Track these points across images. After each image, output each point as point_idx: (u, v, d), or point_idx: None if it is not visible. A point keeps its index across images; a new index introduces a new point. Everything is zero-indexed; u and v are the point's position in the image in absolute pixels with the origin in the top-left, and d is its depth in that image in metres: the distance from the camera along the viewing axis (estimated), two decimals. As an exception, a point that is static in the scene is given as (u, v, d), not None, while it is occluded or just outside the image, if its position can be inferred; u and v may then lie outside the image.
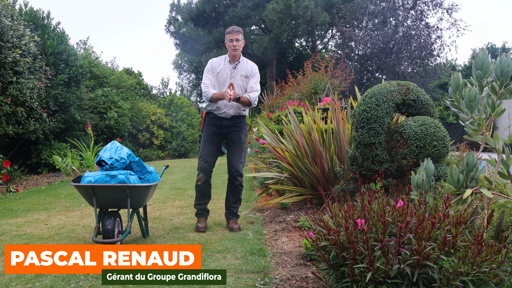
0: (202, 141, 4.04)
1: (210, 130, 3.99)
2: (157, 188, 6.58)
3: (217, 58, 4.09)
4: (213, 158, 3.99)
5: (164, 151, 15.75)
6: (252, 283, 2.52)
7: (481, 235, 2.00)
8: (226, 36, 3.99)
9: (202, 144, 4.03)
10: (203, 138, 4.04)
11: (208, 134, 3.99)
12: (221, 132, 4.00)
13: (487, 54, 2.13)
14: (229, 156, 4.05)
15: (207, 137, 4.00)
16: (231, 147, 4.04)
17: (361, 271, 1.89)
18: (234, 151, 4.01)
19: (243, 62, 4.04)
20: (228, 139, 4.04)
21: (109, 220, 3.22)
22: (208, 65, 4.03)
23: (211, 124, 3.99)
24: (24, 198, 6.12)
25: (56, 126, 8.71)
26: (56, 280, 2.62)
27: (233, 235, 3.68)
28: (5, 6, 7.18)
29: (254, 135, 8.13)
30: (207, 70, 4.01)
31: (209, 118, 4.01)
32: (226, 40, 4.00)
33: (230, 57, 3.99)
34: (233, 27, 3.99)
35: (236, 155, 3.99)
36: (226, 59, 4.02)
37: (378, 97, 3.59)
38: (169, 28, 23.01)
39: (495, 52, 27.80)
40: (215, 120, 3.98)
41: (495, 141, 2.10)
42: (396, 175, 3.64)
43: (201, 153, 4.01)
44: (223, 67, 3.98)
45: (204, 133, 4.02)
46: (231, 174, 4.02)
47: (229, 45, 3.95)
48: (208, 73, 3.98)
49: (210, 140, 3.99)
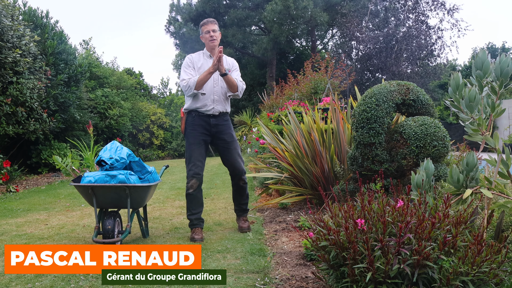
0: (189, 144, 3.67)
1: (197, 131, 3.66)
2: (157, 188, 6.58)
3: (194, 54, 3.81)
4: (203, 162, 3.68)
5: (164, 151, 15.75)
6: (252, 283, 2.52)
7: (481, 235, 2.00)
8: (201, 29, 3.74)
9: (189, 147, 3.66)
10: (188, 140, 3.68)
11: (195, 136, 3.65)
12: (210, 132, 3.69)
13: (487, 54, 2.13)
14: (228, 158, 3.77)
15: (194, 139, 3.65)
16: (226, 149, 3.76)
17: (361, 271, 1.89)
18: (231, 151, 3.75)
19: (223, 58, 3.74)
20: (219, 139, 3.74)
21: (109, 220, 3.22)
22: (186, 60, 3.73)
23: (197, 124, 3.66)
24: (24, 198, 6.12)
25: (56, 126, 8.72)
26: (56, 280, 2.62)
27: (233, 235, 3.68)
28: (5, 6, 7.18)
29: (254, 135, 8.13)
30: (186, 65, 3.70)
31: (193, 117, 3.67)
32: (201, 34, 3.75)
33: (209, 51, 3.73)
34: (207, 19, 3.74)
35: (234, 154, 3.75)
36: (205, 54, 3.76)
37: (378, 97, 3.59)
38: (169, 28, 23.01)
39: (495, 52, 27.79)
40: (201, 119, 3.66)
41: (495, 141, 2.10)
42: (396, 175, 3.64)
43: (189, 157, 3.64)
44: (203, 62, 3.71)
45: (190, 135, 3.67)
46: (234, 175, 3.80)
47: (206, 37, 3.69)
48: (187, 69, 3.68)
49: (198, 142, 3.66)
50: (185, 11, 21.73)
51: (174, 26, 22.45)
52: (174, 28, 22.55)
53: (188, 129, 3.69)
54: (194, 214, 3.66)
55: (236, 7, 20.43)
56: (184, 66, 3.72)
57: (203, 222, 3.74)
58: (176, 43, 23.35)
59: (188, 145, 3.69)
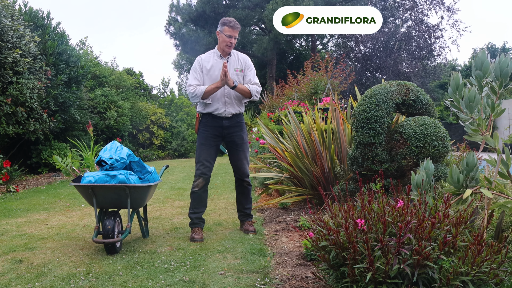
0: (200, 144, 3.70)
1: (209, 132, 3.67)
2: (157, 188, 6.58)
3: (205, 54, 3.74)
4: (212, 163, 3.69)
5: (164, 151, 15.75)
6: (252, 283, 2.52)
7: (481, 235, 2.00)
8: (224, 29, 3.59)
9: (199, 147, 3.69)
10: (200, 140, 3.70)
11: (207, 137, 3.67)
12: (221, 134, 3.70)
13: (487, 54, 2.13)
14: (234, 159, 3.77)
15: (205, 140, 3.67)
16: (234, 150, 3.76)
17: (361, 271, 1.89)
18: (239, 153, 3.75)
19: (234, 55, 3.71)
20: (229, 141, 3.75)
21: (109, 220, 3.22)
22: (195, 64, 3.67)
23: (210, 126, 3.67)
24: (24, 198, 6.12)
25: (56, 126, 8.72)
26: (56, 280, 2.62)
27: (233, 235, 3.68)
28: (5, 6, 7.18)
29: (254, 135, 8.13)
30: (194, 69, 3.65)
31: (207, 119, 3.68)
32: (222, 32, 3.60)
33: (221, 52, 3.67)
34: (235, 21, 3.62)
35: (242, 157, 3.75)
36: (215, 53, 3.69)
37: (378, 97, 3.59)
38: (169, 29, 23.01)
39: (495, 52, 27.79)
40: (214, 121, 3.67)
41: (495, 141, 2.10)
42: (396, 175, 3.64)
43: (199, 157, 3.67)
44: (214, 62, 3.65)
45: (201, 136, 3.69)
46: (238, 177, 3.81)
47: (225, 40, 3.59)
48: (195, 73, 3.63)
49: (209, 143, 3.67)
50: (185, 12, 21.74)
51: (174, 27, 22.45)
52: (174, 28, 22.56)
53: (200, 129, 3.72)
54: (196, 213, 3.67)
55: (236, 7, 20.44)
56: (192, 69, 3.68)
57: (203, 223, 3.75)
58: (176, 43, 23.37)
59: (198, 144, 3.71)
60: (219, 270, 2.77)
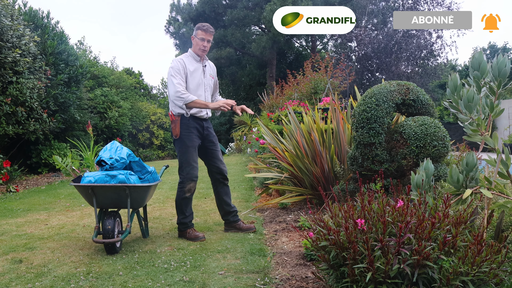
0: (186, 146, 3.59)
1: (194, 134, 3.62)
2: (157, 188, 6.58)
3: (183, 56, 3.69)
4: (197, 164, 3.66)
5: (164, 151, 15.75)
6: (252, 283, 2.52)
7: (481, 235, 2.00)
8: (198, 32, 3.64)
9: (187, 150, 3.59)
10: (186, 143, 3.59)
11: (192, 139, 3.61)
12: (202, 135, 3.71)
13: (486, 55, 2.13)
14: (215, 160, 3.79)
15: (190, 142, 3.60)
16: (213, 150, 3.79)
17: (361, 271, 1.89)
18: (217, 153, 3.80)
19: (208, 62, 3.82)
20: (208, 141, 3.76)
21: (109, 220, 3.22)
22: (178, 66, 3.58)
23: (193, 127, 3.62)
24: (24, 198, 6.12)
25: (56, 126, 8.72)
26: (56, 280, 2.62)
27: (233, 235, 3.68)
28: (5, 6, 7.18)
29: (254, 135, 8.13)
30: (178, 71, 3.56)
31: (189, 120, 3.60)
32: (195, 36, 3.65)
33: (199, 55, 3.68)
34: (209, 25, 3.67)
35: (220, 156, 3.83)
36: (194, 57, 3.70)
37: (378, 97, 3.59)
38: (169, 28, 23.01)
39: (496, 52, 27.78)
40: (196, 122, 3.64)
41: (494, 141, 2.10)
42: (396, 175, 3.64)
43: (187, 160, 3.59)
44: (196, 66, 3.68)
45: (187, 138, 3.59)
46: (220, 177, 3.81)
47: (199, 44, 3.62)
48: (179, 75, 3.57)
49: (195, 145, 3.63)
50: (185, 11, 21.74)
51: (174, 26, 22.45)
52: (174, 28, 22.55)
53: (183, 132, 3.60)
54: (187, 216, 3.67)
55: (236, 7, 20.43)
56: (175, 71, 3.57)
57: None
58: (176, 43, 23.35)
59: (185, 148, 3.60)
60: (219, 270, 2.77)
